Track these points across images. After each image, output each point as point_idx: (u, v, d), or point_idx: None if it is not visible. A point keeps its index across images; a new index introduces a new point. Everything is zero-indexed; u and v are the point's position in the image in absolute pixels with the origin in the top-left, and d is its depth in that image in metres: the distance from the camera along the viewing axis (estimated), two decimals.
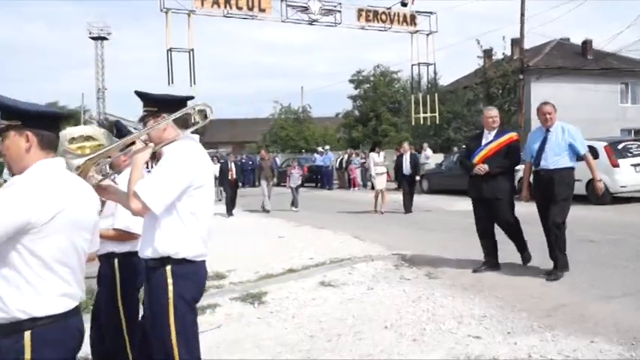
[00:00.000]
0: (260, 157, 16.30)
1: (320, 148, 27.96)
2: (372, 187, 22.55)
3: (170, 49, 17.57)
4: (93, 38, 73.63)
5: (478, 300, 5.55)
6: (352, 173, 24.56)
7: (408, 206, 13.89)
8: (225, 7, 18.36)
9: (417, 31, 22.45)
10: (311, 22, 20.55)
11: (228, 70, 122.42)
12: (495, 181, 6.41)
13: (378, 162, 14.49)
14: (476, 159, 6.53)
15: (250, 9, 18.81)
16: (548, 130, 6.16)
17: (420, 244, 8.75)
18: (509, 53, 28.96)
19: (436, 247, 8.44)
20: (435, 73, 26.23)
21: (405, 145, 14.91)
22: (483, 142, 6.59)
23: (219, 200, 18.74)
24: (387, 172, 15.16)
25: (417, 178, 14.93)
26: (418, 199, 15.02)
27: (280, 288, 6.40)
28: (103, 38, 74.00)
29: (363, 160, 24.66)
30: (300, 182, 16.30)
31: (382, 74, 40.34)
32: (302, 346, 4.59)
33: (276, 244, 9.53)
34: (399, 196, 14.78)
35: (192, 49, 17.81)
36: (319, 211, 14.77)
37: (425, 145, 23.58)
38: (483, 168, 6.40)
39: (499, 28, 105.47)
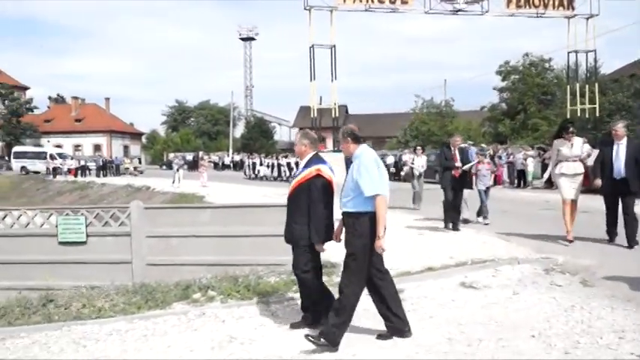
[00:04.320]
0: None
1: (463, 144, 26.90)
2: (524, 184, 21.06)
3: (312, 46, 18.02)
4: (242, 39, 78.56)
5: None
6: (498, 169, 23.28)
7: (630, 233, 8.02)
8: (367, 1, 18.38)
9: (574, 16, 20.66)
10: (456, 12, 19.83)
11: (369, 65, 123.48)
12: (291, 225, 4.96)
13: (570, 155, 8.42)
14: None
15: (392, 2, 18.65)
16: (351, 162, 4.66)
17: (575, 249, 7.99)
18: None
19: (594, 253, 7.64)
20: (596, 60, 23.93)
21: (620, 127, 8.30)
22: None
23: (417, 209, 14.14)
24: (586, 174, 8.73)
25: None
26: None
27: (418, 286, 6.22)
28: (251, 39, 78.58)
29: (510, 159, 23.26)
30: (491, 183, 11.76)
31: (532, 64, 37.84)
32: (439, 348, 4.40)
33: (415, 241, 9.32)
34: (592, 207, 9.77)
35: (334, 45, 18.10)
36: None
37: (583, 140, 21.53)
38: None
39: None
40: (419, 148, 16.08)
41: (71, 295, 6.52)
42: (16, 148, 49.32)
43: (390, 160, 27.94)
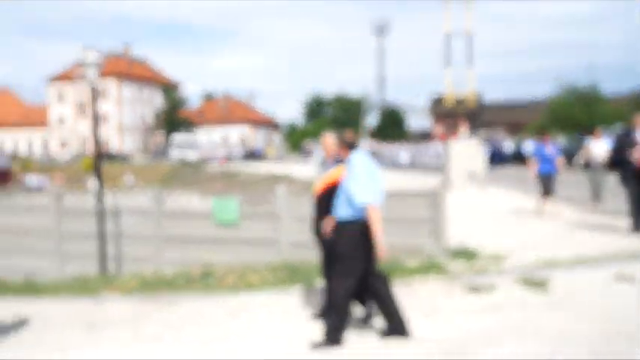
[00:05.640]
0: None
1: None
2: None
3: (448, 34, 17.61)
4: (375, 30, 78.58)
5: None
6: None
7: None
8: None
9: None
10: None
11: (506, 51, 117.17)
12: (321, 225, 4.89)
13: None
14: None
15: None
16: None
17: None
18: None
19: None
20: None
21: None
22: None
23: (595, 205, 11.33)
24: None
25: None
26: None
27: (566, 276, 5.93)
28: (384, 29, 78.30)
29: None
30: None
31: None
32: (590, 343, 4.19)
33: (563, 229, 8.84)
34: None
35: (471, 32, 17.52)
36: (615, 195, 11.30)
37: None
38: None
39: None
40: (598, 129, 12.25)
41: (226, 269, 7.15)
42: (174, 139, 54.29)
43: (530, 146, 26.50)
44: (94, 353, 4.70)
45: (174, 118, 64.68)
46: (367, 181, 4.45)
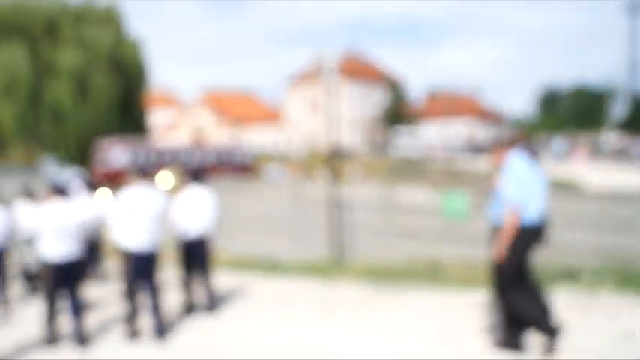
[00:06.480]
0: None
1: None
2: None
3: None
4: (626, 10, 69.40)
5: None
6: None
7: None
8: None
9: None
10: None
11: None
12: None
13: None
14: None
15: None
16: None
17: None
18: None
19: None
20: None
21: None
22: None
23: None
24: None
25: None
26: None
27: None
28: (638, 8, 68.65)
29: None
30: None
31: None
32: None
33: None
34: None
35: None
36: None
37: None
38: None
39: None
40: None
41: (451, 264, 6.89)
42: (397, 134, 55.57)
43: None
44: (320, 329, 4.92)
45: (398, 114, 66.43)
46: (518, 185, 4.10)
